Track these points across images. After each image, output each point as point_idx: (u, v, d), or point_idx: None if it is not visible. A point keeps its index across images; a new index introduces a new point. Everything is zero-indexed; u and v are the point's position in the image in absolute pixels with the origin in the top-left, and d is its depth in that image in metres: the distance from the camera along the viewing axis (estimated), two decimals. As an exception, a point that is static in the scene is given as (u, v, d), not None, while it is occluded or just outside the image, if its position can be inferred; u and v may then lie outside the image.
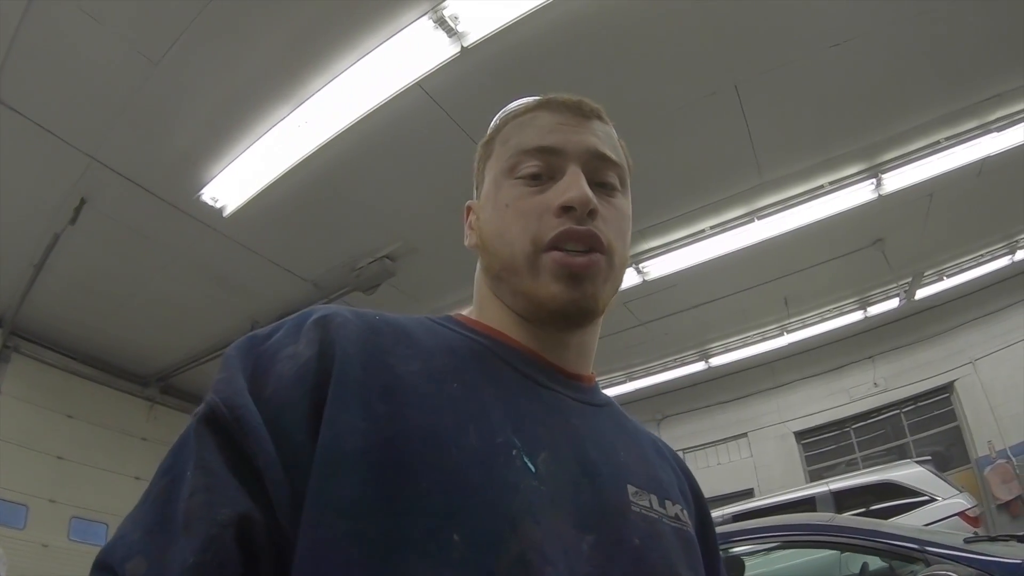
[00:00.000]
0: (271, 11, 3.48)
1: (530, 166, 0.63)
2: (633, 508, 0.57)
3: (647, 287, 6.05)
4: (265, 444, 0.46)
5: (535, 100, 0.69)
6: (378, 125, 4.05)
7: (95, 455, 6.46)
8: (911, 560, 2.49)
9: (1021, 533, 2.86)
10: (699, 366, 8.30)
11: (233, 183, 4.45)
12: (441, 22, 3.49)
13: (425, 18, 3.48)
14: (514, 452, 0.52)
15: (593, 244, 0.60)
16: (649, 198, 4.84)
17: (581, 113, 0.66)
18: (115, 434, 6.74)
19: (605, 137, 0.66)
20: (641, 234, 5.41)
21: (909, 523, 4.42)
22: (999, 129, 4.88)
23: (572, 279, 0.59)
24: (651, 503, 0.59)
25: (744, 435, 8.70)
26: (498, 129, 0.70)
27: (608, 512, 0.55)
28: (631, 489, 0.58)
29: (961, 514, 4.77)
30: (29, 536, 5.69)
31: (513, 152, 0.65)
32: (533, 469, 0.52)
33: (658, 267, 5.82)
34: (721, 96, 4.33)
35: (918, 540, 2.57)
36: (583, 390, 0.66)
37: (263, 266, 5.40)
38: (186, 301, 5.79)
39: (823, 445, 8.35)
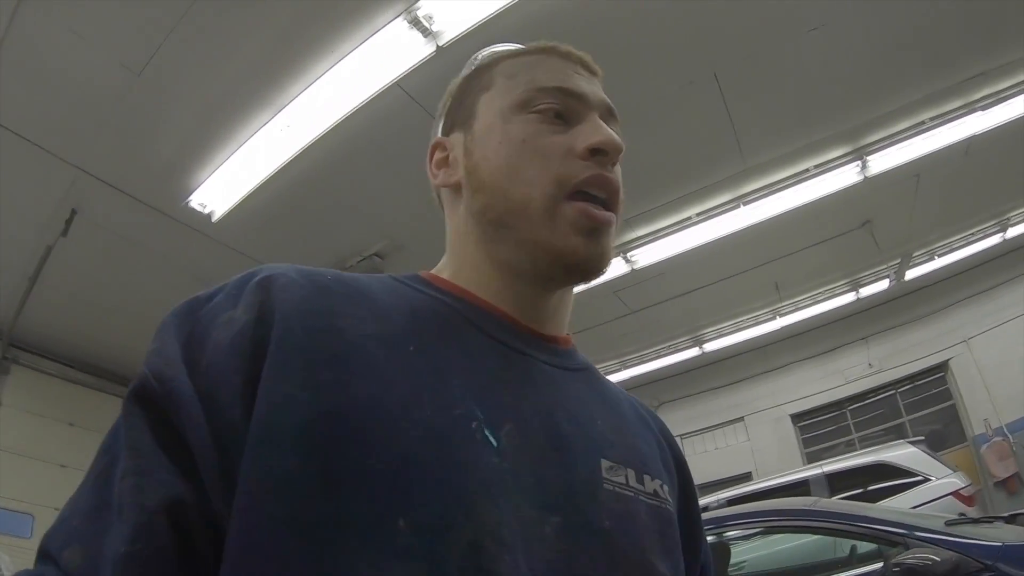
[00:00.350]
0: (248, 18, 3.48)
1: (549, 103, 0.59)
2: (605, 486, 0.52)
3: (636, 275, 6.05)
4: (197, 420, 0.42)
5: (539, 44, 0.66)
6: (360, 126, 4.06)
7: (98, 461, 6.52)
8: (892, 544, 2.52)
9: (1007, 514, 2.88)
10: (693, 352, 8.30)
11: (220, 189, 4.46)
12: (416, 22, 3.48)
13: (400, 19, 3.48)
14: (474, 425, 0.47)
15: (614, 194, 0.59)
16: (634, 187, 4.71)
17: (589, 68, 0.65)
18: (117, 440, 6.79)
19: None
20: (628, 223, 5.41)
21: (895, 505, 4.44)
22: (984, 108, 4.84)
23: (592, 233, 0.57)
24: (627, 479, 0.55)
25: (740, 419, 8.70)
26: (494, 63, 0.65)
27: (576, 491, 0.50)
28: (605, 464, 0.54)
29: (955, 494, 4.77)
30: (36, 545, 5.71)
31: (527, 87, 0.60)
32: (495, 443, 0.47)
33: (646, 255, 5.82)
34: (700, 84, 4.31)
35: (898, 523, 2.60)
36: (558, 353, 0.61)
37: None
38: (179, 306, 5.82)
39: (820, 427, 8.34)
